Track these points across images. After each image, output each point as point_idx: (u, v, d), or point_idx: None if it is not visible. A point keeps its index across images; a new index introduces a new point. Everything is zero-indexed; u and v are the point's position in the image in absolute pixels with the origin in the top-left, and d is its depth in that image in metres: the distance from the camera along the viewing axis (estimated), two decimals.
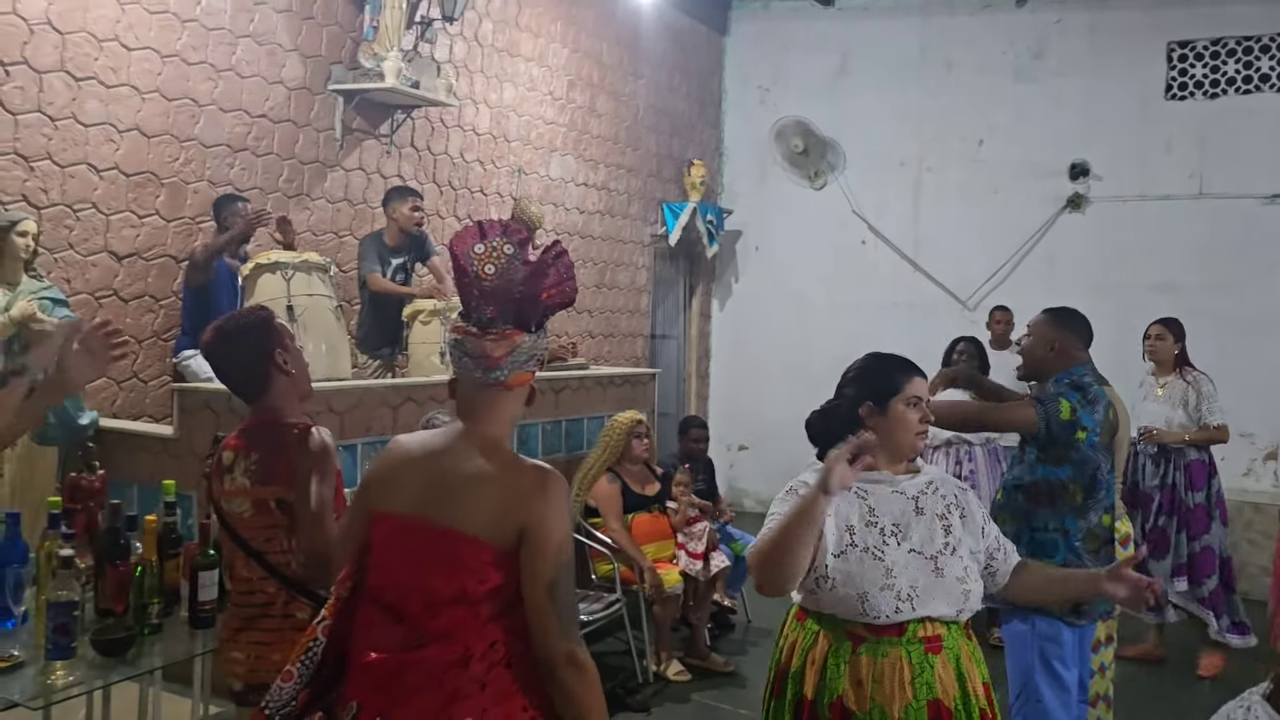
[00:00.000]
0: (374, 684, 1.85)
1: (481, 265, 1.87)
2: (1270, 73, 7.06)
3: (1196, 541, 5.09)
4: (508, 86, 6.48)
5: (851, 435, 2.40)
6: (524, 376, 1.93)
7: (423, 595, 1.83)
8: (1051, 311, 3.43)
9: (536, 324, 1.93)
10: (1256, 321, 6.99)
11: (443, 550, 1.83)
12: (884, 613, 2.22)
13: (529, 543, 1.82)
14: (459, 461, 1.88)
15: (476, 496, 1.85)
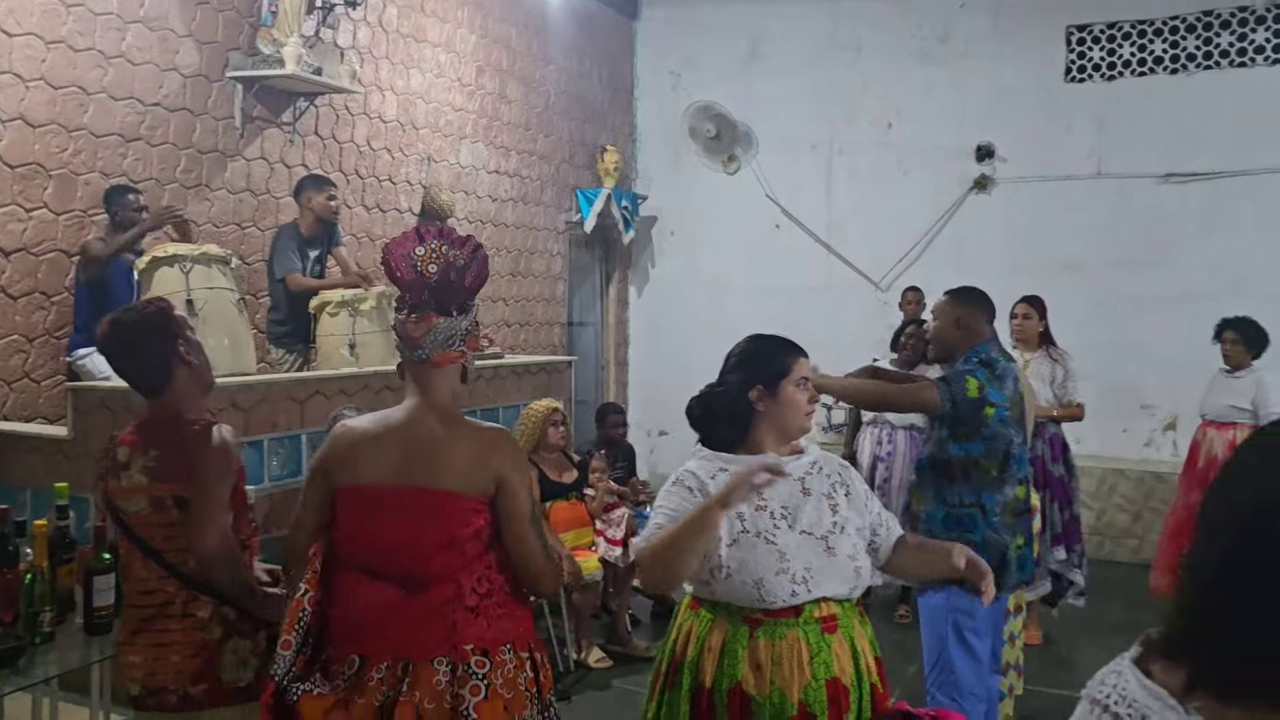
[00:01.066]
0: (376, 633, 2.11)
1: (425, 265, 2.16)
2: (1164, 55, 7.28)
3: (1066, 511, 5.24)
4: (415, 73, 6.36)
5: (736, 420, 2.40)
6: (450, 355, 2.19)
7: (411, 548, 2.11)
8: (952, 291, 3.48)
9: (458, 308, 2.21)
10: (1156, 297, 7.22)
11: (427, 506, 2.12)
12: (780, 597, 2.22)
13: (505, 488, 2.16)
14: (424, 430, 2.17)
15: (449, 456, 2.14)
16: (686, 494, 2.33)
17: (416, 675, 2.06)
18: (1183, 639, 0.99)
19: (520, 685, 2.16)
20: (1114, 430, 7.39)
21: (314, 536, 2.24)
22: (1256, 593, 0.94)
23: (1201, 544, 1.00)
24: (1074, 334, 7.29)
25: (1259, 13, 6.99)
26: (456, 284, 2.19)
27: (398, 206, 6.27)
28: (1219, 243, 7.09)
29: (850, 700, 2.25)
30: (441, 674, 2.08)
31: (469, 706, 2.06)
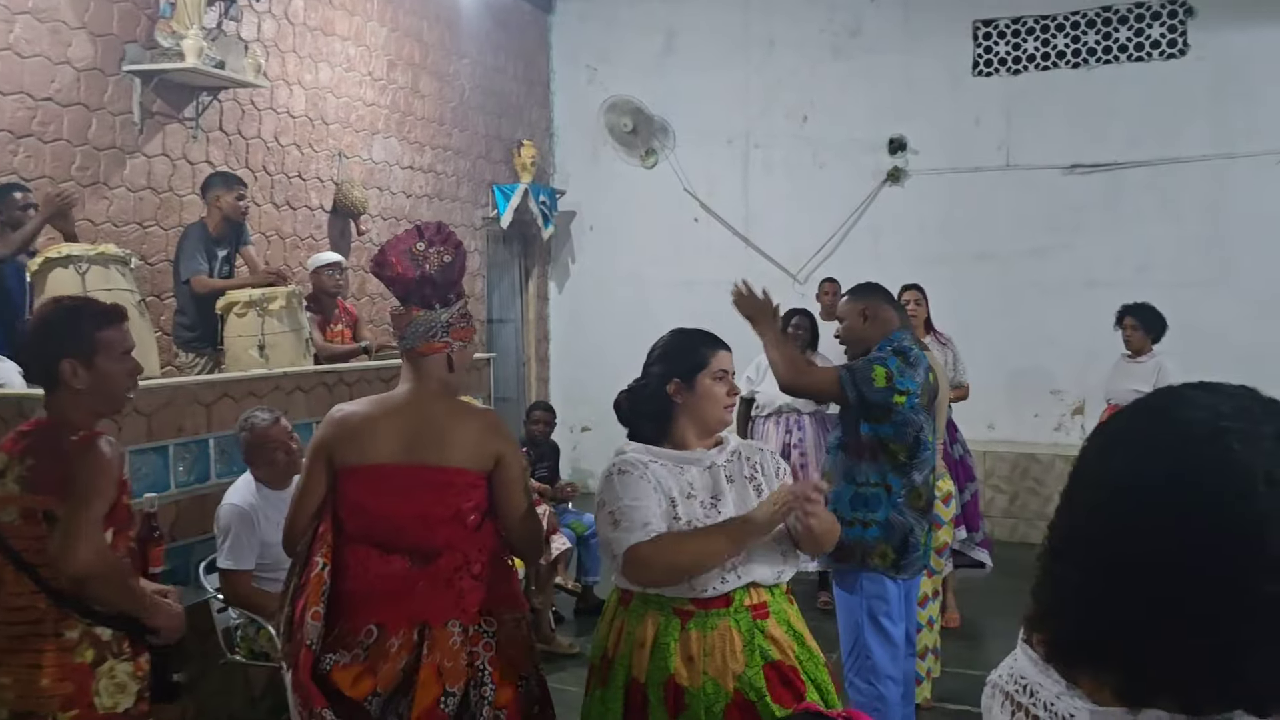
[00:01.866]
0: (391, 604, 2.32)
1: (426, 261, 2.39)
2: (1066, 50, 7.46)
3: (966, 490, 5.37)
4: (323, 67, 6.22)
5: (657, 414, 2.40)
6: (433, 346, 2.40)
7: (422, 521, 2.33)
8: (850, 290, 3.55)
9: (439, 302, 2.41)
10: (1063, 285, 7.41)
11: (434, 482, 2.34)
12: (711, 585, 2.23)
13: (504, 463, 2.41)
14: (424, 411, 2.38)
15: (453, 435, 2.36)
16: (642, 482, 2.30)
17: (433, 639, 2.29)
18: (1043, 613, 1.02)
19: (524, 644, 2.43)
20: (1026, 415, 7.57)
21: (315, 516, 2.41)
22: (1098, 567, 0.96)
23: (1055, 522, 1.03)
24: (986, 322, 7.51)
25: (1154, 9, 7.21)
26: (436, 280, 2.39)
27: (308, 204, 6.13)
28: (1122, 231, 7.31)
29: (804, 679, 2.25)
30: (455, 635, 2.32)
31: (484, 661, 2.32)
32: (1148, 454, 0.96)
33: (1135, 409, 1.01)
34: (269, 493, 3.65)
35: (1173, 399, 0.99)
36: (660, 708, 2.21)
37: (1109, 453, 1.00)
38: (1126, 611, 0.94)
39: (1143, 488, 0.94)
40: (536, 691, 2.45)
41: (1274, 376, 6.12)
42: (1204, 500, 0.92)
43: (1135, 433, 0.99)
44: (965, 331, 7.30)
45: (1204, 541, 0.91)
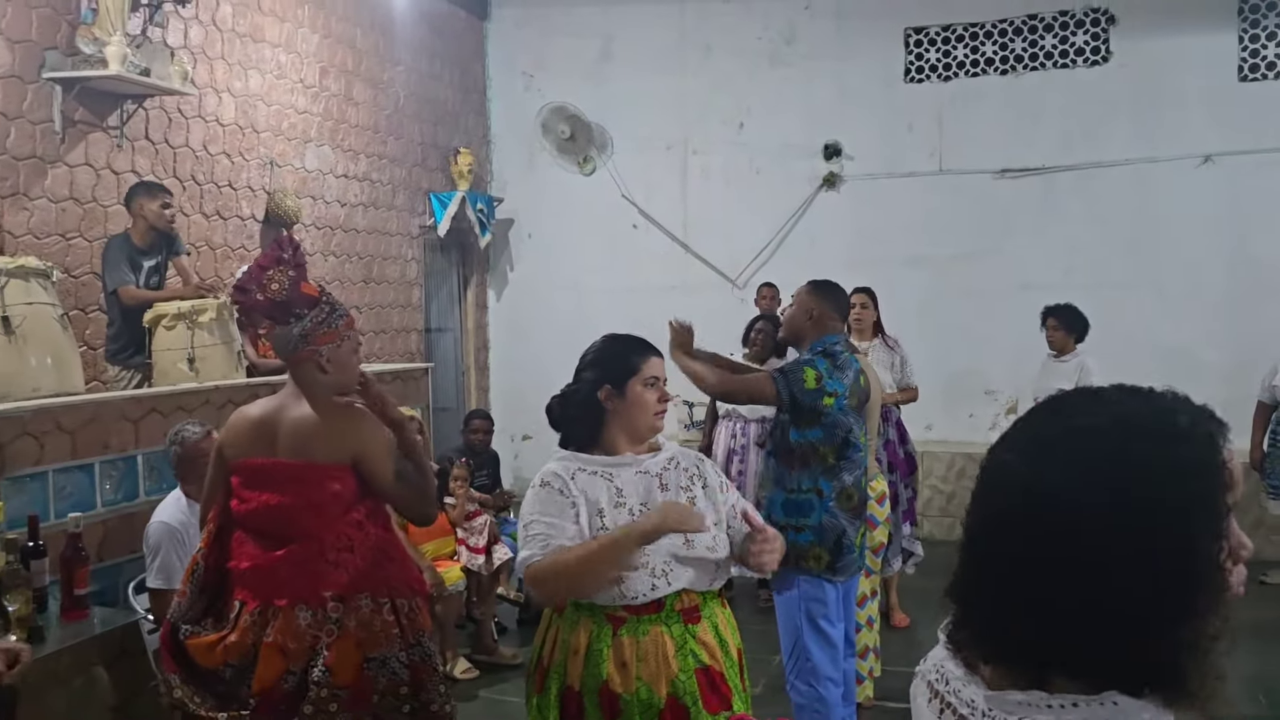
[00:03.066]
0: (254, 583, 2.59)
1: (271, 283, 2.64)
2: (994, 57, 7.61)
3: (909, 489, 5.47)
4: (253, 74, 6.11)
5: (589, 420, 2.39)
6: (299, 355, 2.66)
7: (280, 511, 2.59)
8: (814, 283, 3.56)
9: (292, 317, 2.66)
10: (995, 287, 7.54)
11: (291, 475, 2.60)
12: (641, 592, 2.23)
13: (364, 459, 2.63)
14: (290, 412, 2.66)
15: (308, 433, 2.61)
16: (558, 497, 2.30)
17: (281, 618, 2.54)
18: (961, 604, 1.05)
19: (376, 627, 2.59)
20: (961, 415, 7.68)
21: (212, 500, 2.77)
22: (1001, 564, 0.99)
23: (973, 518, 1.06)
24: (920, 324, 7.60)
25: (1078, 16, 7.39)
26: (279, 301, 2.65)
27: (239, 213, 6.02)
28: (1051, 234, 7.47)
29: (730, 685, 2.27)
30: (302, 618, 2.55)
31: (322, 645, 2.53)
32: (1080, 455, 0.98)
33: (1057, 408, 1.04)
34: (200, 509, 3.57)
35: (1093, 406, 1.02)
36: (596, 714, 2.21)
37: (1035, 453, 1.02)
38: (1045, 603, 0.97)
39: (1072, 487, 0.97)
40: (403, 674, 2.61)
41: (1195, 374, 6.35)
42: (1134, 497, 0.95)
43: (1067, 434, 1.01)
44: (901, 334, 7.42)
45: (1132, 536, 0.94)
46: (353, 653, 2.55)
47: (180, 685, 2.61)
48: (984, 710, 1.00)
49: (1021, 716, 0.97)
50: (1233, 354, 6.90)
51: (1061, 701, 0.95)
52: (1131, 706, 0.94)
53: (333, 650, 2.53)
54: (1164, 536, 0.94)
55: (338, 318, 2.71)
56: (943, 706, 1.06)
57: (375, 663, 2.59)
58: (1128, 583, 0.93)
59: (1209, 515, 0.95)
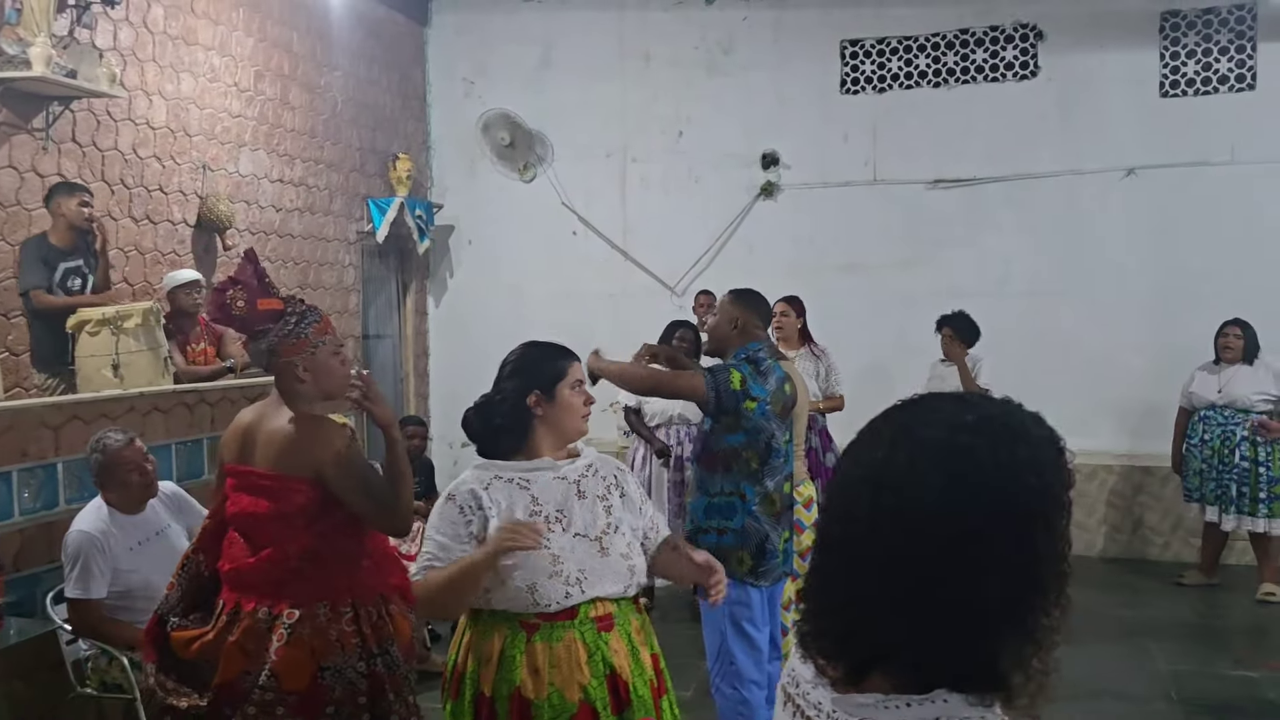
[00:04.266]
0: (231, 586, 2.72)
1: (234, 303, 2.75)
2: (928, 69, 7.76)
3: None
4: (185, 77, 6.04)
5: (515, 427, 2.42)
6: (275, 366, 2.74)
7: (257, 518, 2.67)
8: (736, 292, 3.62)
9: (260, 333, 2.76)
10: (928, 295, 7.63)
11: (262, 485, 2.66)
12: (554, 600, 2.25)
13: (329, 474, 2.62)
14: (268, 421, 2.71)
15: (278, 443, 2.65)
16: (457, 514, 2.34)
17: (246, 620, 2.65)
18: (817, 609, 1.08)
19: (332, 636, 2.64)
20: None
21: (218, 502, 2.85)
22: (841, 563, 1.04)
23: (830, 522, 1.10)
24: (855, 331, 7.72)
25: (1008, 32, 7.56)
26: (243, 319, 2.77)
27: (170, 218, 5.94)
28: (982, 244, 7.63)
29: (630, 694, 2.30)
30: (261, 620, 2.64)
31: (272, 649, 2.60)
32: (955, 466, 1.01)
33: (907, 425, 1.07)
34: (121, 518, 3.53)
35: (940, 411, 1.06)
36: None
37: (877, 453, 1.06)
38: (882, 601, 1.00)
39: (907, 485, 1.01)
40: (361, 684, 2.64)
41: (1120, 380, 6.55)
42: (968, 495, 0.99)
43: (931, 448, 1.04)
44: (835, 341, 7.50)
45: (965, 533, 0.98)
46: (306, 661, 2.60)
47: (154, 674, 2.74)
48: (829, 712, 1.03)
49: (864, 717, 1.00)
50: (1156, 360, 7.10)
51: (898, 702, 0.98)
52: (960, 703, 0.98)
53: (282, 656, 2.58)
54: (998, 535, 0.97)
55: (306, 326, 2.74)
56: (795, 710, 1.09)
57: (330, 672, 2.62)
58: (959, 580, 0.97)
59: (1045, 515, 0.99)
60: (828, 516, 1.10)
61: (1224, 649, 5.27)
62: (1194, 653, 5.11)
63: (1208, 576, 6.29)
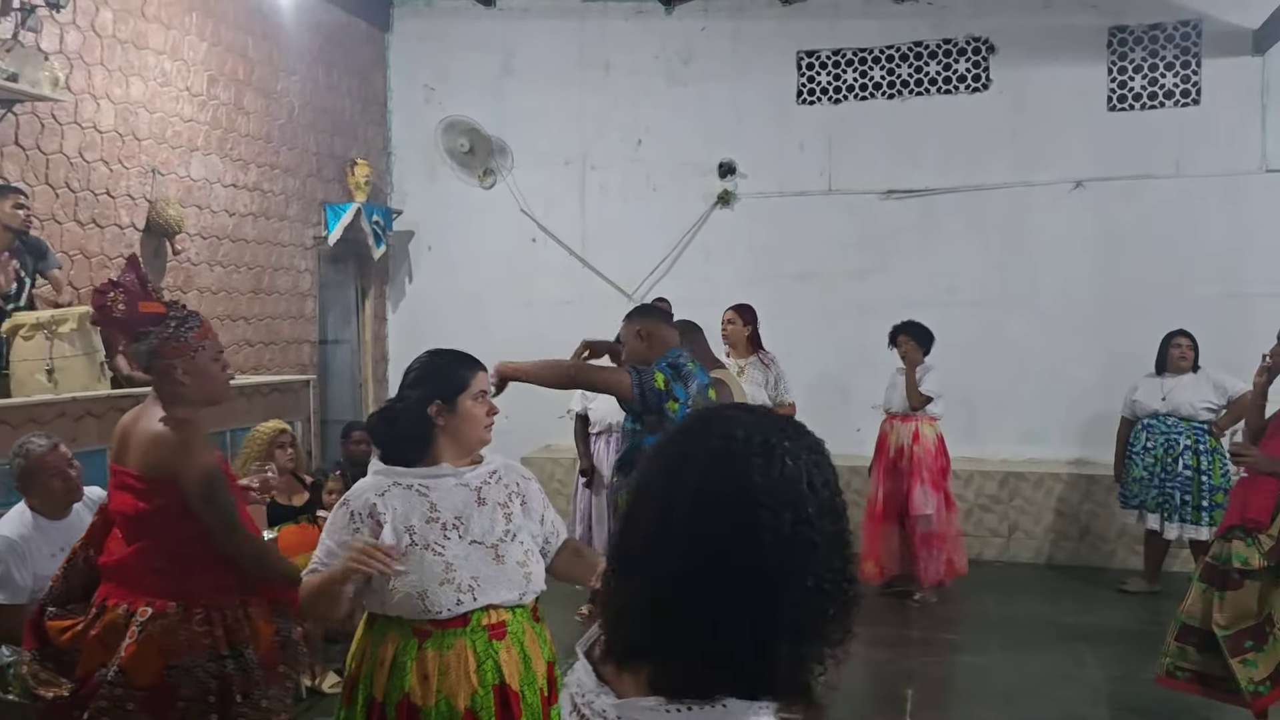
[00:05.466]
0: (105, 580, 2.81)
1: (114, 305, 2.80)
2: (881, 81, 7.84)
3: None
4: (135, 81, 6.03)
5: (417, 435, 2.44)
6: (156, 368, 2.80)
7: (125, 517, 2.77)
8: (629, 314, 3.66)
9: (140, 334, 2.82)
10: (882, 304, 7.70)
11: (130, 484, 2.73)
12: (445, 606, 2.27)
13: (181, 478, 2.69)
14: (140, 422, 2.79)
15: (141, 444, 2.72)
16: (346, 521, 2.36)
17: (107, 615, 2.72)
18: (608, 619, 1.12)
19: (181, 636, 2.69)
20: (849, 430, 7.83)
21: None
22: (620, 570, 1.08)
23: (618, 536, 1.14)
24: (810, 340, 7.81)
25: (960, 45, 7.65)
26: (124, 321, 2.82)
27: (118, 222, 5.93)
28: (934, 254, 7.71)
29: (521, 706, 2.32)
30: (120, 616, 2.71)
31: (123, 646, 2.67)
32: (712, 471, 1.06)
33: (692, 431, 1.12)
34: (44, 523, 3.52)
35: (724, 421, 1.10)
36: None
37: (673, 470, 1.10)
38: (682, 612, 1.04)
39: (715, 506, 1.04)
40: (210, 683, 2.70)
41: (1067, 390, 6.63)
42: (770, 510, 1.03)
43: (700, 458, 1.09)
44: (791, 349, 7.58)
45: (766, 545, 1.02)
46: (154, 658, 2.66)
47: (30, 662, 2.81)
48: (616, 717, 1.07)
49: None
50: (1101, 371, 7.19)
51: (679, 706, 1.02)
52: (740, 709, 1.02)
53: (131, 653, 2.65)
54: (748, 547, 1.01)
55: (187, 330, 2.82)
56: (578, 716, 1.12)
57: (178, 670, 2.69)
58: (721, 590, 1.01)
59: (796, 529, 1.02)
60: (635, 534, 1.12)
61: (1158, 655, 5.33)
62: (1129, 658, 5.18)
63: (1150, 584, 6.37)
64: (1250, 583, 3.95)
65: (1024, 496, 7.28)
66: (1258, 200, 7.10)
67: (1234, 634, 3.95)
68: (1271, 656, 3.86)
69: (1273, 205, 7.07)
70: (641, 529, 1.08)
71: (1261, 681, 3.85)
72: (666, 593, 1.04)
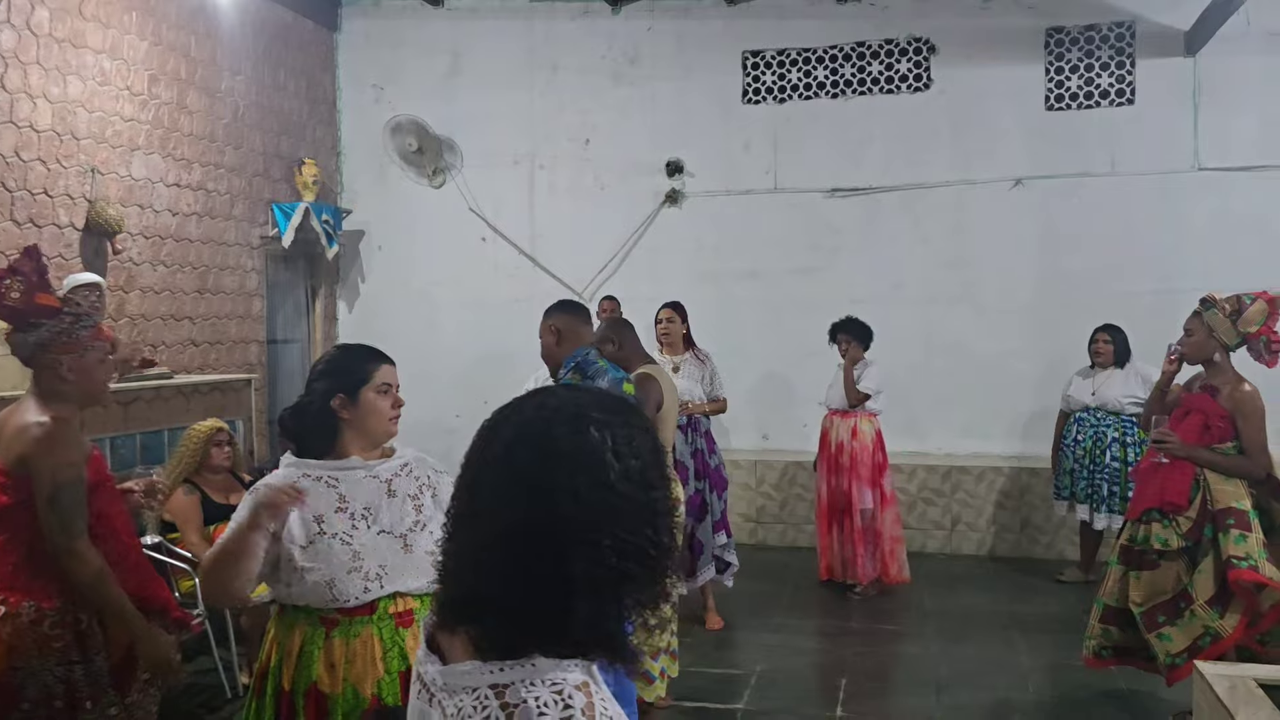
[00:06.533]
0: None
1: (9, 292, 2.76)
2: (825, 81, 7.94)
3: (721, 499, 5.66)
4: (73, 80, 6.00)
5: (324, 429, 2.48)
6: (40, 362, 2.78)
7: None
8: (548, 309, 3.69)
9: (29, 325, 2.78)
10: (827, 301, 7.79)
11: None
12: (353, 595, 2.31)
13: (32, 472, 2.68)
14: (13, 418, 2.76)
15: (7, 441, 2.70)
16: None
17: None
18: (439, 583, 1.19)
19: (29, 638, 2.66)
20: (796, 425, 7.94)
21: None
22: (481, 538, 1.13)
23: (451, 504, 1.20)
24: (757, 337, 7.91)
25: (901, 45, 7.76)
26: (14, 309, 2.77)
27: (56, 221, 5.90)
28: (878, 251, 7.81)
29: None
30: None
31: None
32: (520, 433, 1.13)
33: (514, 404, 1.18)
34: None
35: (545, 393, 1.17)
36: (303, 715, 2.28)
37: (490, 436, 1.16)
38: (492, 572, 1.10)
39: (519, 465, 1.11)
40: (58, 689, 2.67)
41: (1009, 384, 6.76)
42: (567, 472, 1.09)
43: (514, 422, 1.16)
44: (739, 346, 7.68)
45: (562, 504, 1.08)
46: (1, 658, 2.65)
47: None
48: (441, 684, 1.12)
49: (466, 684, 1.09)
50: (1041, 365, 7.33)
51: (494, 667, 1.08)
52: (548, 665, 1.08)
53: None
54: (541, 510, 1.07)
55: (80, 328, 2.79)
56: (420, 687, 1.18)
57: (22, 672, 2.67)
58: (521, 554, 1.07)
59: (593, 492, 1.09)
60: (461, 500, 1.18)
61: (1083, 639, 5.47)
62: (1059, 645, 5.29)
63: (1086, 573, 6.50)
64: (1167, 563, 4.08)
65: (966, 490, 7.40)
66: (1190, 198, 7.27)
67: (1148, 610, 4.09)
68: (1187, 631, 4.00)
69: (1204, 203, 7.24)
70: (459, 495, 1.14)
71: (1178, 654, 3.99)
72: (478, 555, 1.10)
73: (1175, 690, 4.23)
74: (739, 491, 7.62)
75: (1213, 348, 4.11)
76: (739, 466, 7.64)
